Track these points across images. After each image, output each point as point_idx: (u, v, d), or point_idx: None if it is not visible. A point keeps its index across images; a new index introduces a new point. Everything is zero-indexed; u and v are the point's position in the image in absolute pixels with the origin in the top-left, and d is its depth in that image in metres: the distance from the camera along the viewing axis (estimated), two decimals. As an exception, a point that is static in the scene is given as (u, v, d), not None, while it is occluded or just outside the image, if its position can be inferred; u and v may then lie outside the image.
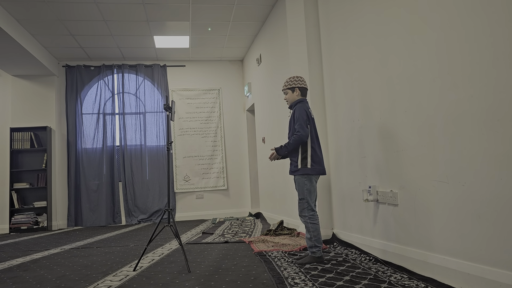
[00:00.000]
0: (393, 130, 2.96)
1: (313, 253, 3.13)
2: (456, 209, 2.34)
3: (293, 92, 3.33)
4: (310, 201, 3.17)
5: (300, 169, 3.17)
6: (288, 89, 3.34)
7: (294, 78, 3.35)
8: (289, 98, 3.35)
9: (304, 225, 3.21)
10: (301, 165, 3.17)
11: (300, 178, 3.18)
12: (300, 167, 3.17)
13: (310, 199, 3.17)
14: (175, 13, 5.81)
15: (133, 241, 4.91)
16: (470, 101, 2.20)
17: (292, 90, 3.33)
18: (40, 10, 5.47)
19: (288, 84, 3.35)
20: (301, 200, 3.19)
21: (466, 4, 2.21)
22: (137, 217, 7.43)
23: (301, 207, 3.19)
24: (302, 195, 3.18)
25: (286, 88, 3.36)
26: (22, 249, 4.69)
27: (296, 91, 3.32)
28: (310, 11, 4.33)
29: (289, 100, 3.36)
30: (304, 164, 3.17)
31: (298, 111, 3.21)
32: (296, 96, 3.33)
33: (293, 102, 3.34)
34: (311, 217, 3.15)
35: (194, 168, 7.84)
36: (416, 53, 2.66)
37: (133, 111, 7.74)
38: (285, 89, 3.37)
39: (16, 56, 6.24)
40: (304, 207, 3.17)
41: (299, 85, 3.33)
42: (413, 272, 2.64)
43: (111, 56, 7.58)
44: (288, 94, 3.35)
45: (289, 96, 3.35)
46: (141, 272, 3.07)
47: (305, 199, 3.17)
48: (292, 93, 3.33)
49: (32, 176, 7.14)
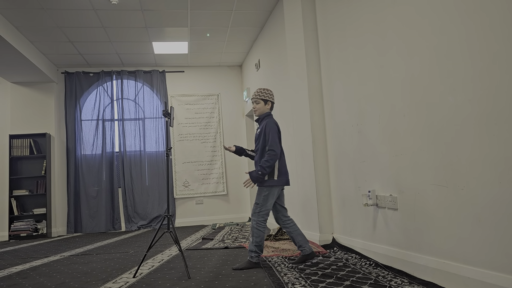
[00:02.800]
0: (392, 134, 2.96)
1: (251, 258, 3.23)
2: (456, 213, 2.34)
3: (266, 104, 3.38)
4: (264, 208, 3.25)
5: (266, 181, 3.26)
6: (262, 100, 3.38)
7: (268, 91, 3.40)
8: (260, 108, 3.39)
9: (251, 227, 3.28)
10: (268, 177, 3.27)
11: (262, 188, 3.27)
12: (268, 179, 3.26)
13: (263, 206, 3.25)
14: (173, 19, 5.84)
15: (132, 248, 4.89)
16: (469, 105, 2.21)
17: (265, 102, 3.38)
18: (39, 17, 5.49)
19: (263, 95, 3.37)
20: (256, 204, 3.29)
21: (464, 8, 2.22)
22: (136, 223, 7.41)
23: (254, 210, 3.29)
24: (258, 200, 3.28)
25: (259, 98, 3.37)
26: (21, 256, 4.68)
27: (268, 104, 3.40)
28: (308, 16, 4.35)
29: (258, 111, 3.39)
30: (271, 176, 3.27)
31: (270, 127, 3.26)
32: (266, 109, 3.39)
33: (261, 115, 3.40)
34: (259, 223, 3.25)
35: (193, 173, 7.84)
36: (414, 57, 2.67)
37: (132, 117, 7.74)
38: (258, 99, 3.38)
39: (15, 63, 6.25)
40: (256, 211, 3.28)
41: (271, 99, 3.40)
42: (413, 277, 2.64)
43: (110, 63, 7.60)
44: (260, 104, 3.38)
45: (261, 106, 3.38)
46: (141, 279, 3.06)
47: (259, 204, 3.27)
48: (264, 105, 3.38)
49: (31, 183, 7.13)
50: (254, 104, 3.40)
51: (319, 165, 4.17)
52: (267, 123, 3.29)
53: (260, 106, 3.38)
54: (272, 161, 3.20)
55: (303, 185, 4.42)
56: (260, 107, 3.38)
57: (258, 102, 3.38)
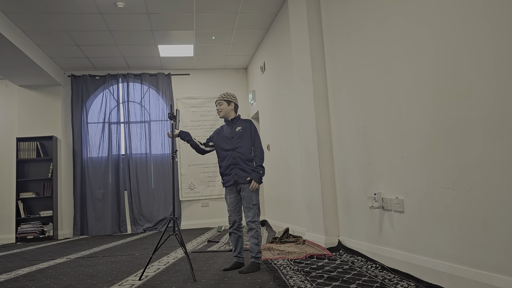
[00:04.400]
0: (398, 137, 2.95)
1: (257, 259, 3.29)
2: (462, 215, 2.32)
3: (229, 105, 3.54)
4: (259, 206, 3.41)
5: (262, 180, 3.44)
6: (225, 101, 3.53)
7: (231, 94, 3.58)
8: (224, 109, 3.54)
9: (254, 231, 3.31)
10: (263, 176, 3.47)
11: (259, 187, 3.41)
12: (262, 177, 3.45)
13: (259, 205, 3.40)
14: (179, 22, 5.86)
15: (138, 250, 4.91)
16: (474, 107, 2.19)
17: (228, 103, 3.54)
18: (46, 21, 5.53)
19: (225, 96, 3.54)
20: (254, 205, 3.35)
21: (467, 10, 2.21)
22: (142, 225, 7.43)
23: (253, 212, 3.33)
24: (257, 201, 3.37)
25: (222, 99, 3.54)
26: (28, 258, 4.71)
27: (232, 105, 3.55)
28: (313, 19, 4.35)
29: (223, 111, 3.54)
30: (263, 174, 3.44)
31: (256, 129, 3.52)
32: (230, 110, 3.55)
33: (234, 116, 3.56)
34: (259, 222, 3.42)
35: (199, 176, 7.85)
36: (419, 59, 2.66)
37: (138, 120, 7.78)
38: (220, 100, 3.54)
39: (22, 67, 6.30)
40: (256, 212, 3.34)
41: (235, 101, 3.58)
42: (420, 280, 2.62)
43: (116, 66, 7.64)
44: (223, 105, 3.53)
45: (224, 107, 3.54)
46: (147, 281, 3.06)
47: (257, 205, 3.36)
48: (228, 106, 3.53)
49: (38, 185, 7.18)
50: (218, 106, 3.55)
51: (325, 167, 4.16)
52: (251, 123, 3.51)
53: (223, 107, 3.52)
54: (263, 157, 3.44)
55: (309, 188, 4.41)
56: (223, 107, 3.52)
57: (221, 103, 3.54)
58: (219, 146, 3.52)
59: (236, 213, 3.43)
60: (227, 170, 3.43)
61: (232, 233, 3.43)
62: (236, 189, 3.42)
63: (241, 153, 3.39)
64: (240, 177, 3.37)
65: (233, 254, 3.44)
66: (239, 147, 3.41)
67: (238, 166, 3.38)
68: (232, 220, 3.42)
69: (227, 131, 3.52)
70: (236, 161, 3.40)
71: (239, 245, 3.42)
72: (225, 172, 3.45)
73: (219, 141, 3.54)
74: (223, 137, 3.51)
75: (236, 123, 3.53)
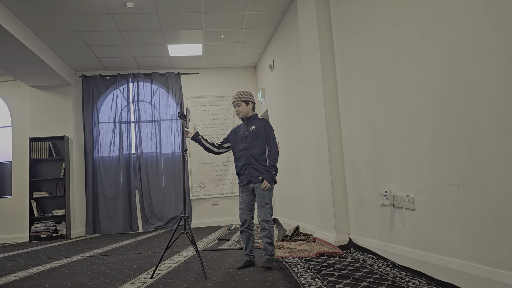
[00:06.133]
0: (409, 134, 2.93)
1: (271, 256, 3.28)
2: (475, 213, 2.30)
3: (247, 105, 3.50)
4: (271, 205, 3.39)
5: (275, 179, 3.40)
6: (243, 102, 3.49)
7: (247, 92, 3.53)
8: (243, 110, 3.50)
9: (267, 231, 3.29)
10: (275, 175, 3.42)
11: (272, 187, 3.38)
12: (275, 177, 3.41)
13: (271, 204, 3.38)
14: (188, 21, 5.88)
15: (150, 248, 4.95)
16: (487, 103, 2.17)
17: (246, 103, 3.50)
18: (57, 22, 5.59)
19: (243, 97, 3.49)
20: (267, 205, 3.33)
21: (479, 4, 2.18)
22: (153, 224, 7.48)
23: (266, 211, 3.32)
24: (269, 200, 3.35)
25: (240, 100, 3.48)
26: (42, 257, 4.77)
27: (250, 105, 3.52)
28: (322, 16, 4.33)
29: (242, 113, 3.51)
30: (276, 174, 3.40)
31: (270, 126, 3.47)
32: (249, 110, 3.51)
33: (250, 115, 3.52)
34: (272, 221, 3.35)
35: (209, 174, 7.88)
36: (430, 56, 2.64)
37: (148, 119, 7.83)
38: (239, 101, 3.49)
39: (34, 68, 6.38)
40: (269, 211, 3.33)
41: (252, 100, 3.54)
42: (432, 278, 2.60)
43: (126, 66, 7.70)
44: (242, 106, 3.49)
45: (243, 108, 3.50)
46: (159, 280, 3.09)
47: (269, 204, 3.34)
48: (246, 106, 3.50)
49: (50, 185, 7.27)
50: (236, 107, 3.51)
51: (335, 165, 4.15)
52: (266, 122, 3.47)
53: (242, 108, 3.49)
54: (277, 157, 3.40)
55: (319, 186, 4.40)
56: (242, 109, 3.49)
57: (239, 104, 3.50)
58: (234, 146, 3.53)
59: (248, 212, 3.43)
60: (242, 170, 3.43)
61: (243, 231, 3.43)
62: (249, 188, 3.41)
63: (255, 153, 3.38)
64: (254, 176, 3.36)
65: (244, 252, 3.45)
66: (253, 147, 3.40)
67: (252, 165, 3.38)
68: (243, 218, 3.43)
69: (242, 130, 3.51)
70: (250, 161, 3.39)
71: (250, 244, 3.43)
72: (240, 172, 3.46)
73: (234, 141, 3.54)
74: (239, 136, 3.51)
75: (251, 122, 3.50)
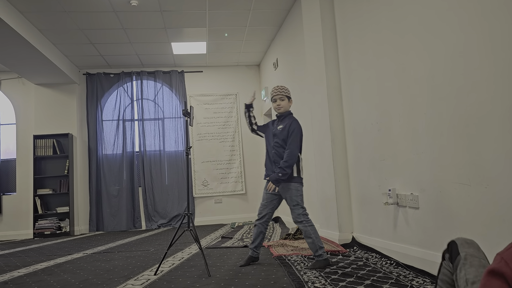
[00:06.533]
0: (413, 132, 2.92)
1: (319, 256, 3.15)
2: (479, 212, 2.29)
3: (289, 101, 3.44)
4: (303, 205, 3.30)
5: (296, 177, 3.30)
6: (286, 97, 3.43)
7: (287, 89, 3.45)
8: (285, 105, 3.43)
9: (303, 231, 3.24)
10: (297, 173, 3.31)
11: (295, 185, 3.28)
12: (297, 175, 3.30)
13: (302, 203, 3.30)
14: (192, 19, 5.89)
15: (153, 246, 4.96)
16: (491, 101, 2.16)
17: (288, 99, 3.44)
18: (61, 20, 5.61)
19: (286, 92, 3.42)
20: (296, 206, 3.26)
21: (487, 4, 2.17)
22: (157, 222, 7.50)
23: (297, 213, 3.26)
24: (297, 201, 3.27)
25: (284, 95, 3.41)
26: (46, 253, 4.80)
27: (291, 101, 3.46)
28: (327, 14, 4.33)
29: (284, 107, 3.43)
30: (298, 172, 3.31)
31: (295, 127, 3.32)
32: (289, 106, 3.45)
33: (285, 112, 3.44)
34: (308, 221, 3.25)
35: (212, 173, 7.89)
36: (434, 54, 2.63)
37: (152, 117, 7.84)
38: (283, 96, 3.41)
39: (38, 65, 6.41)
40: (300, 212, 3.25)
41: (291, 97, 3.47)
42: (435, 276, 2.60)
43: (130, 63, 7.71)
44: (285, 101, 3.42)
45: (285, 103, 3.42)
46: (162, 276, 3.10)
47: (299, 205, 3.26)
48: (288, 102, 3.44)
49: (54, 182, 7.30)
50: (279, 101, 3.41)
51: (338, 163, 4.15)
52: (292, 123, 3.34)
53: (284, 104, 3.41)
54: (291, 161, 3.23)
55: (322, 184, 4.40)
56: (284, 104, 3.42)
57: (283, 99, 3.41)
58: (266, 140, 3.52)
59: (268, 208, 3.40)
60: (267, 165, 3.42)
61: (256, 225, 3.41)
62: None
63: (278, 152, 3.34)
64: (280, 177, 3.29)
65: (250, 246, 3.42)
66: (277, 146, 3.36)
67: (276, 163, 3.33)
68: (261, 212, 3.42)
69: (273, 127, 3.48)
70: (274, 159, 3.36)
71: (258, 239, 3.39)
72: (265, 165, 3.45)
73: (267, 136, 3.52)
74: (270, 132, 3.48)
75: (282, 120, 3.43)
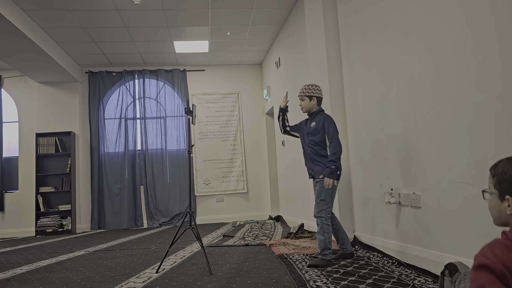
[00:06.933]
0: (416, 132, 2.92)
1: (324, 256, 3.17)
2: (482, 212, 2.29)
3: (310, 100, 3.41)
4: (330, 204, 3.26)
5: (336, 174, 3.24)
6: (306, 97, 3.42)
7: (312, 86, 3.42)
8: (306, 105, 3.44)
9: (319, 227, 3.24)
10: None
11: (336, 183, 3.26)
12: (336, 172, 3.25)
13: (330, 202, 3.26)
14: (194, 18, 5.88)
15: (155, 244, 4.97)
16: (494, 101, 2.16)
17: (309, 98, 3.41)
18: (64, 18, 5.62)
19: (306, 91, 3.41)
20: (322, 201, 3.24)
21: (488, 3, 2.17)
22: (158, 220, 7.51)
23: (319, 208, 3.25)
24: (325, 197, 3.24)
25: (303, 95, 3.43)
26: (48, 251, 4.81)
27: (314, 100, 3.42)
28: (329, 13, 4.32)
29: (304, 108, 3.44)
30: (336, 169, 3.24)
31: (329, 121, 3.30)
32: (313, 105, 3.42)
33: (313, 111, 3.42)
34: (327, 219, 3.24)
35: (214, 171, 7.89)
36: (437, 54, 2.62)
37: (154, 115, 7.85)
38: (302, 96, 3.44)
39: (41, 63, 6.42)
40: (323, 208, 3.23)
41: (316, 94, 3.42)
42: (437, 276, 2.60)
43: (132, 62, 7.72)
44: (305, 101, 3.42)
45: (306, 103, 3.43)
46: (164, 274, 3.11)
47: (325, 201, 3.24)
48: (309, 101, 3.41)
49: (57, 180, 7.32)
50: (300, 101, 3.46)
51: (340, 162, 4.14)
52: (325, 118, 3.33)
53: (305, 103, 3.42)
54: (338, 152, 3.22)
55: (324, 183, 4.40)
56: (305, 104, 3.43)
57: (303, 99, 3.43)
58: (301, 139, 3.53)
59: None
60: (307, 163, 3.44)
61: None
62: (314, 183, 3.38)
63: (314, 150, 3.35)
64: (316, 172, 3.33)
65: (337, 246, 3.45)
66: (312, 144, 3.36)
67: (314, 161, 3.35)
68: None
69: (306, 126, 3.49)
70: (312, 157, 3.38)
71: (338, 237, 3.41)
72: (306, 164, 3.46)
73: (301, 135, 3.53)
74: (304, 131, 3.49)
75: (313, 118, 3.43)
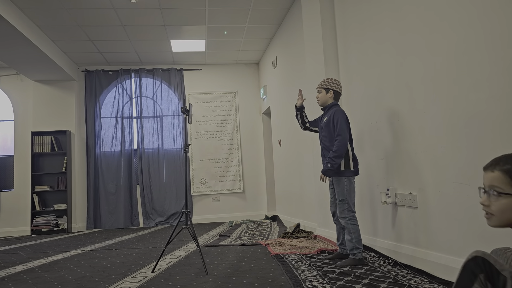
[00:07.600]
0: (412, 132, 2.92)
1: (353, 255, 3.13)
2: (478, 212, 2.29)
3: (327, 93, 3.36)
4: (350, 202, 3.21)
5: (344, 171, 3.21)
6: (323, 89, 3.37)
7: (331, 80, 3.38)
8: (322, 98, 3.39)
9: (345, 227, 3.20)
10: (345, 167, 3.22)
11: (341, 179, 3.21)
12: (344, 169, 3.22)
13: (350, 200, 3.20)
14: (191, 17, 5.87)
15: (151, 243, 4.95)
16: (490, 101, 2.16)
17: (326, 91, 3.36)
18: (60, 16, 5.59)
19: (324, 84, 3.38)
20: (341, 201, 3.21)
21: (488, 2, 2.17)
22: (154, 219, 7.49)
23: (341, 208, 3.21)
24: (343, 196, 3.20)
25: (321, 87, 3.38)
26: (43, 250, 4.78)
27: (330, 93, 3.36)
28: (326, 13, 4.32)
29: (320, 100, 3.39)
30: (347, 166, 3.22)
31: (338, 115, 3.22)
32: (329, 98, 3.36)
33: (327, 104, 3.38)
34: (352, 218, 3.19)
35: (210, 171, 7.88)
36: (434, 54, 2.63)
37: (151, 114, 7.83)
38: (319, 88, 3.40)
39: (37, 62, 6.38)
40: (345, 208, 3.20)
41: (334, 88, 3.36)
42: (433, 276, 2.60)
43: (128, 61, 7.69)
44: (322, 93, 3.38)
45: (322, 96, 3.38)
46: (159, 274, 3.10)
47: (345, 200, 3.20)
48: (326, 94, 3.36)
49: (52, 179, 7.28)
50: (317, 93, 3.42)
51: (337, 163, 4.14)
52: (335, 112, 3.26)
53: (321, 96, 3.38)
54: (340, 151, 3.14)
55: (320, 183, 4.40)
56: (321, 96, 3.38)
57: (320, 91, 3.40)
58: (319, 134, 3.48)
59: (334, 204, 3.37)
60: (323, 160, 3.37)
61: (335, 222, 3.42)
62: (330, 181, 3.35)
63: (326, 145, 3.31)
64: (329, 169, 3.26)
65: (337, 244, 3.43)
66: (325, 139, 3.33)
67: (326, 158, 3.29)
68: (332, 210, 3.43)
69: (320, 121, 3.45)
70: (324, 153, 3.34)
71: (341, 236, 3.39)
72: (322, 161, 3.39)
73: (319, 129, 3.48)
74: (319, 126, 3.46)
75: (326, 112, 3.38)
